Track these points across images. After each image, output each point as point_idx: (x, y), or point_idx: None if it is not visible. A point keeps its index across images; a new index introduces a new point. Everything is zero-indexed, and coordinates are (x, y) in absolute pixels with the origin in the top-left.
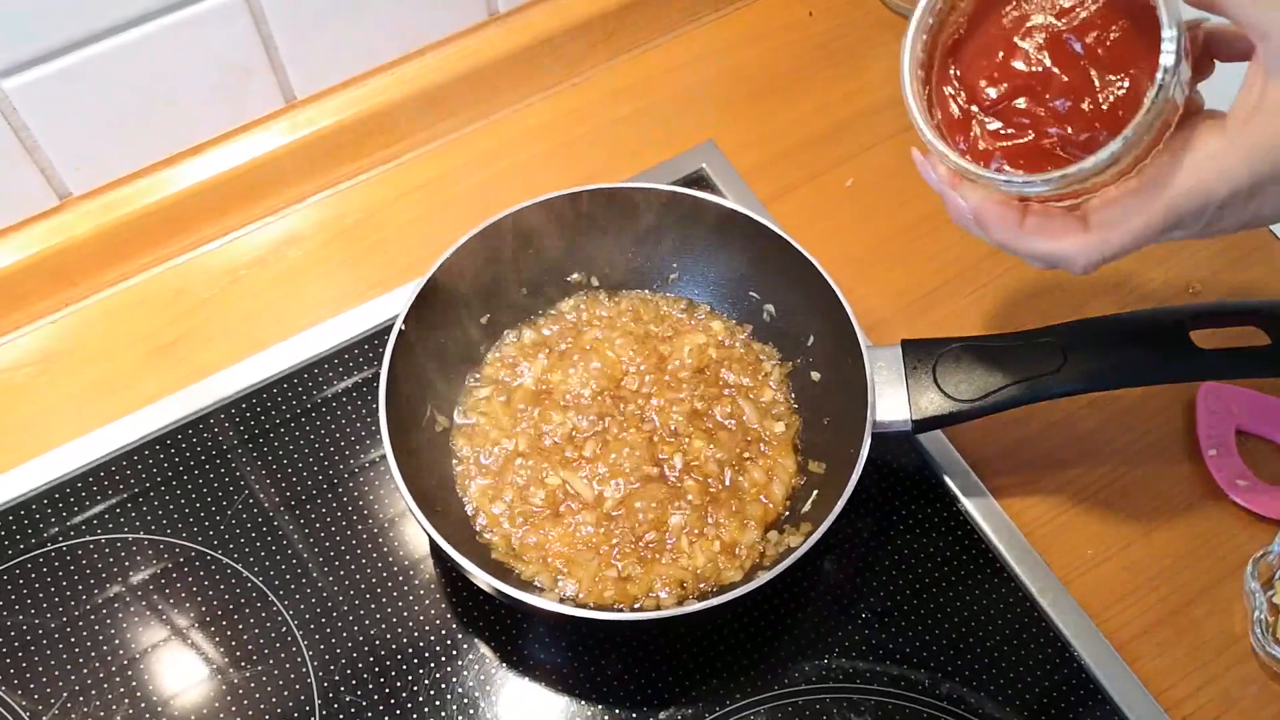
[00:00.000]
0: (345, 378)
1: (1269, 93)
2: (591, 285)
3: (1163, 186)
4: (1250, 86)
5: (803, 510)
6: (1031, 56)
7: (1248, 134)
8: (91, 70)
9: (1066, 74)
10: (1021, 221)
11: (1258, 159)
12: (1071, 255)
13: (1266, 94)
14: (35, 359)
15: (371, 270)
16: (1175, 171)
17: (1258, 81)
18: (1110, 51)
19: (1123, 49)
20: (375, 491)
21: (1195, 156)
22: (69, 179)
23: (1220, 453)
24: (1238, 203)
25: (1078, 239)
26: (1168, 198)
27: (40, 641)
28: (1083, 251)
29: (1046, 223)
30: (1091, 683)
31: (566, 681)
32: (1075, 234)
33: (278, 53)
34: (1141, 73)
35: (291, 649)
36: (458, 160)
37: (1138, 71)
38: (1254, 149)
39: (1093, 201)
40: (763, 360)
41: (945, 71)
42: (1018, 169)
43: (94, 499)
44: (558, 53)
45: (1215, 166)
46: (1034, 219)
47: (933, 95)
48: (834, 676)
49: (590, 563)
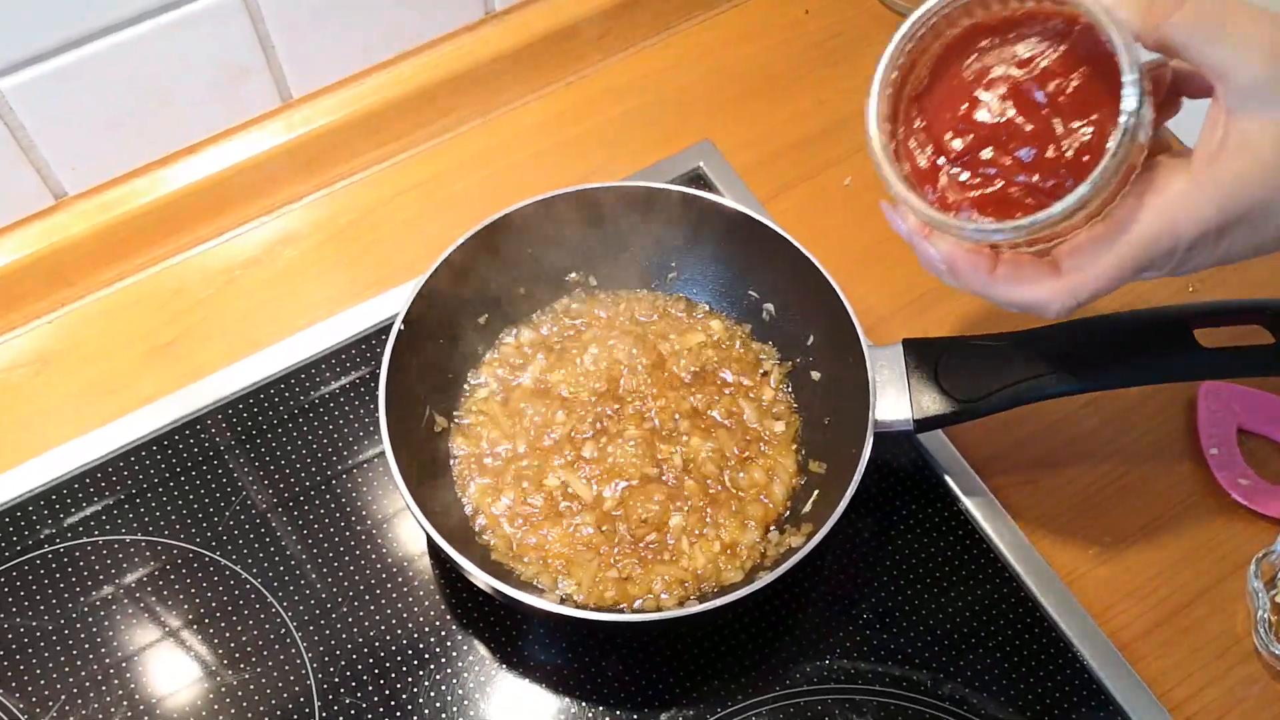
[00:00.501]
0: (342, 377)
1: (1231, 133)
2: (589, 285)
3: (1131, 230)
4: (1213, 126)
5: (803, 510)
6: (994, 107)
7: (1213, 175)
8: (88, 70)
9: (1030, 123)
10: (993, 269)
11: (1225, 200)
12: (1044, 301)
13: (1229, 134)
14: (32, 359)
15: (367, 270)
16: (1142, 215)
17: (1220, 121)
18: (1072, 98)
19: (1084, 95)
20: (374, 491)
21: (1162, 199)
22: (65, 179)
23: (1222, 452)
24: (1206, 243)
25: (1049, 285)
26: (1136, 242)
27: (38, 644)
28: (1055, 298)
29: (1018, 270)
30: (1094, 683)
31: (566, 683)
32: (1046, 280)
33: (275, 52)
34: (1105, 118)
35: (290, 650)
36: (454, 159)
37: (1100, 117)
38: (1220, 190)
39: (1063, 247)
40: (762, 359)
41: (911, 123)
42: (986, 217)
43: (91, 500)
44: (554, 51)
45: (1182, 209)
46: (1005, 267)
47: (900, 146)
48: (835, 677)
49: (590, 563)
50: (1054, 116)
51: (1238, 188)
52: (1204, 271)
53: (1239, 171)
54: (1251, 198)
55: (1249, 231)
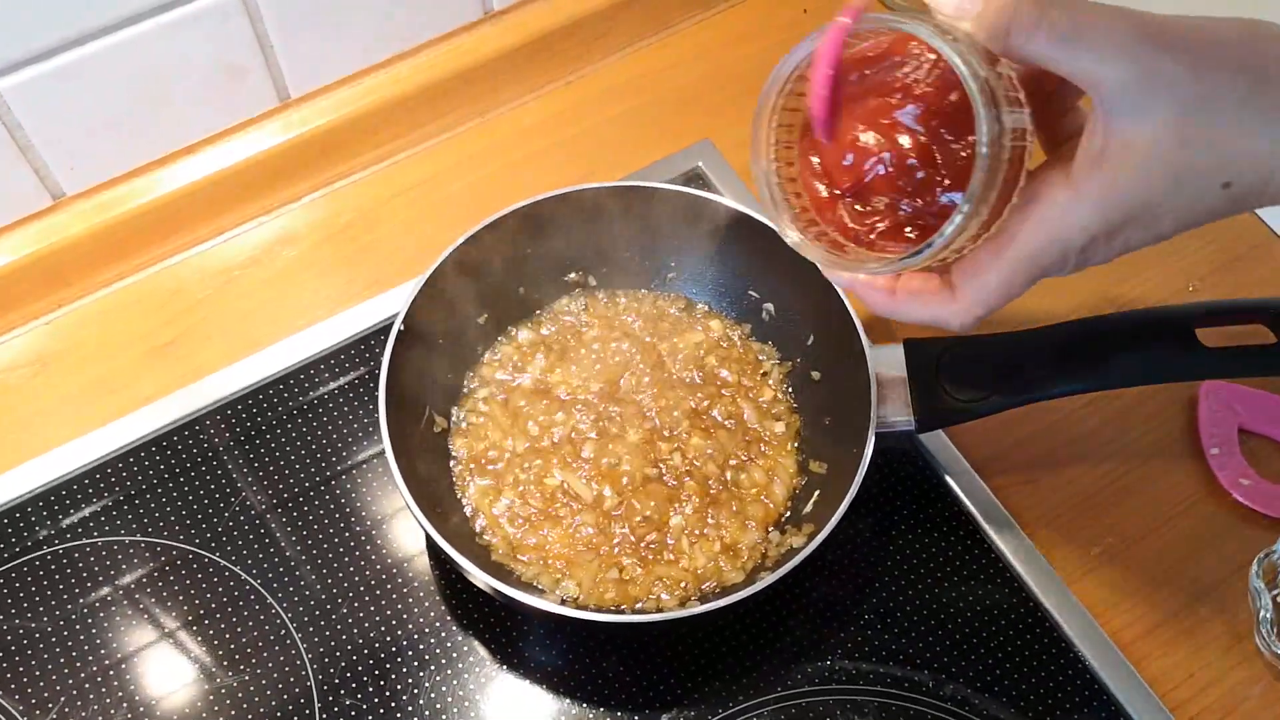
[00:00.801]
0: (341, 377)
1: (1110, 139)
2: (589, 284)
3: (1018, 244)
4: (1091, 134)
5: (804, 511)
6: (874, 137)
7: (1093, 183)
8: (87, 69)
9: (912, 149)
10: (893, 291)
11: (1108, 208)
12: (945, 319)
13: (1108, 140)
14: (30, 360)
15: (365, 270)
16: (1027, 227)
17: (1098, 128)
18: (946, 121)
19: (958, 117)
20: (373, 492)
21: (1046, 211)
22: (63, 179)
23: (1222, 452)
24: (1097, 245)
25: (948, 303)
26: (1024, 254)
27: (37, 645)
28: (955, 315)
29: (915, 291)
30: (1096, 683)
31: (567, 683)
32: (945, 298)
33: (273, 52)
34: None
35: (290, 651)
36: (453, 159)
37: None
38: (1103, 199)
39: (958, 263)
40: (762, 359)
41: (808, 155)
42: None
43: (90, 500)
44: (552, 51)
45: (1066, 218)
46: (905, 288)
47: (801, 177)
48: (837, 678)
49: (590, 564)
50: (932, 142)
51: (1120, 194)
52: (1204, 272)
53: (1119, 178)
54: (1134, 201)
55: (1141, 229)
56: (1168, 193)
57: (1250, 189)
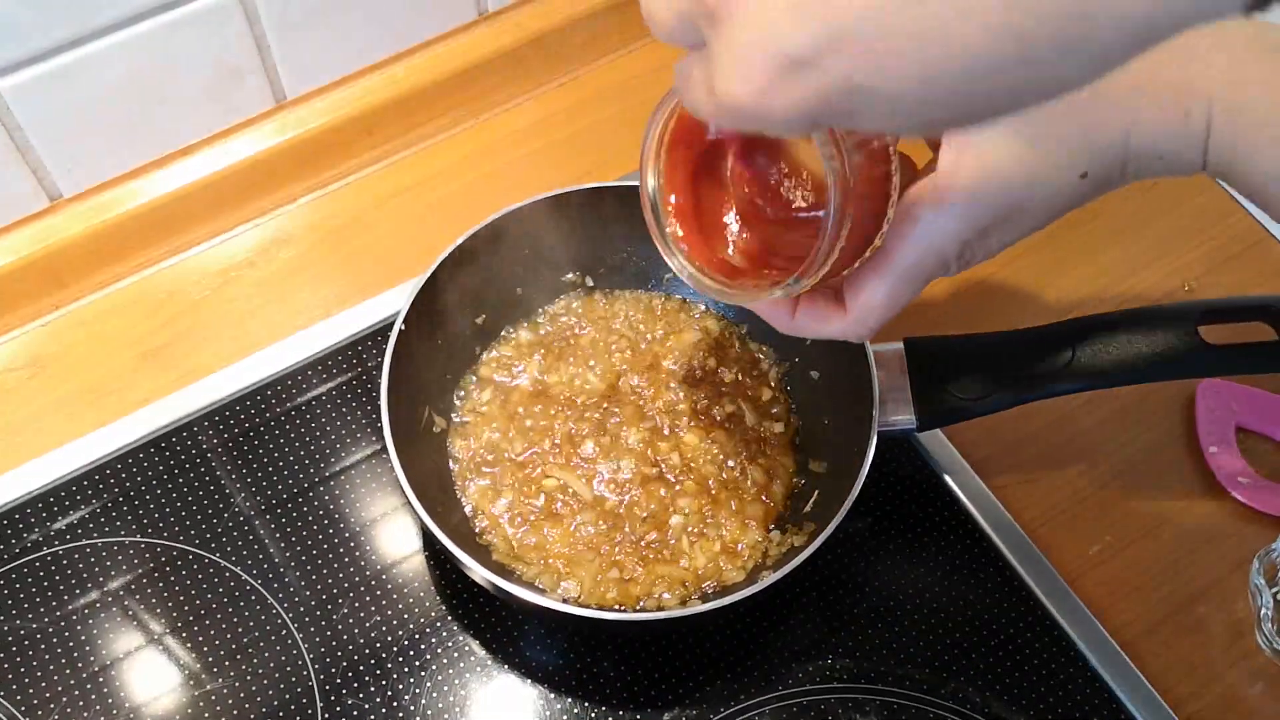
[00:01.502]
0: (338, 378)
1: (963, 156)
2: (586, 285)
3: (895, 259)
4: (947, 150)
5: (804, 510)
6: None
7: (956, 196)
8: (86, 70)
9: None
10: (793, 311)
11: (974, 216)
12: (840, 333)
13: (962, 157)
14: (26, 362)
15: (362, 272)
16: (902, 245)
17: (952, 145)
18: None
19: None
20: (371, 492)
21: (916, 227)
22: (61, 180)
23: (1221, 450)
24: (972, 247)
25: (840, 319)
26: (902, 269)
27: (39, 646)
28: (848, 330)
29: (812, 309)
30: (1097, 681)
31: (568, 683)
32: (837, 315)
33: (270, 53)
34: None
35: (291, 651)
36: (449, 160)
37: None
38: (967, 207)
39: (847, 281)
40: (760, 359)
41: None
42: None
43: (87, 502)
44: (548, 52)
45: (936, 233)
46: (803, 308)
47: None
48: (838, 677)
49: (591, 563)
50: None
51: (982, 202)
52: (1199, 271)
53: (977, 188)
54: (998, 205)
55: (1012, 227)
56: (1027, 192)
57: (1108, 172)
